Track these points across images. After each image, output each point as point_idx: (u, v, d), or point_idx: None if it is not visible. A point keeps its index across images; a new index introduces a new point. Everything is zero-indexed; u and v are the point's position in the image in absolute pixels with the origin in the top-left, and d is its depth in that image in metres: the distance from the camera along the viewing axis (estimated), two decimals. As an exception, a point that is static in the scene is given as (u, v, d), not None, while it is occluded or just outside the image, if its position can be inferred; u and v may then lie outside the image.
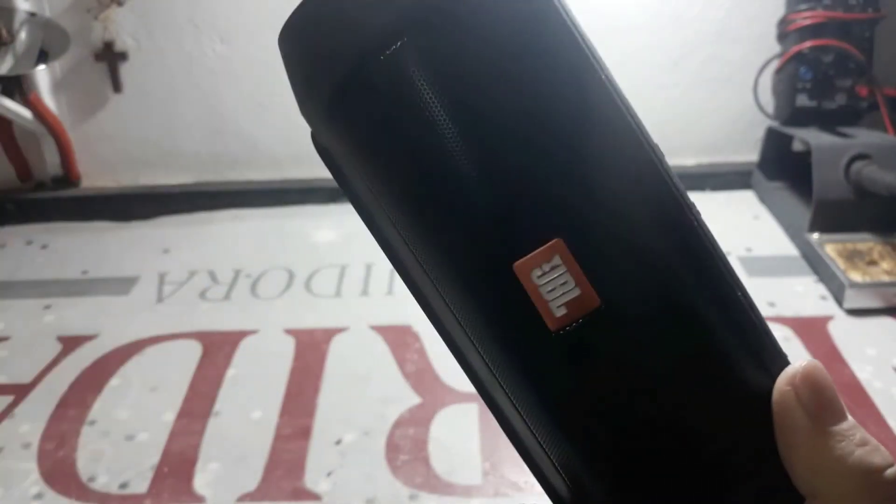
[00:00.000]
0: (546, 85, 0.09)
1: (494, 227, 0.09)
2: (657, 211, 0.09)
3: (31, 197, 0.54)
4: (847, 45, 0.47)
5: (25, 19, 0.50)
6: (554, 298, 0.09)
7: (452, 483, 0.29)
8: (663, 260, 0.09)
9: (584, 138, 0.09)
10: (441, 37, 0.09)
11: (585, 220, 0.09)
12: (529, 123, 0.09)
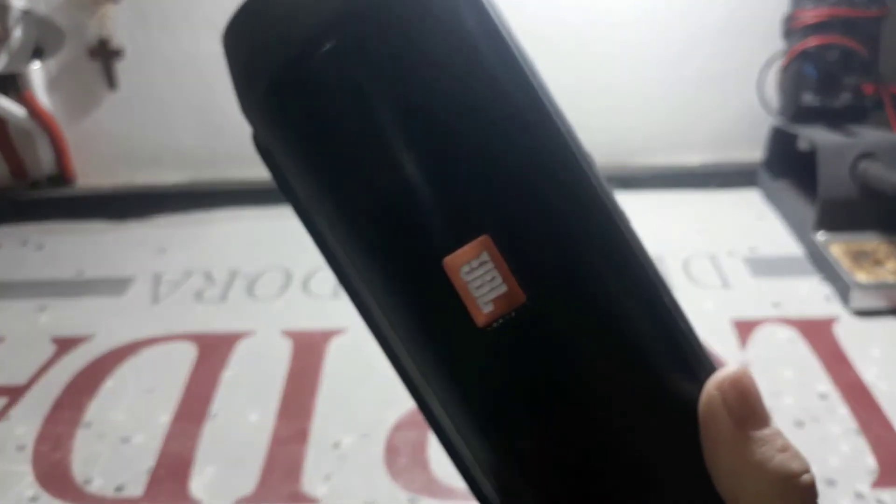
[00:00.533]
0: (474, 85, 0.09)
1: (425, 222, 0.09)
2: (582, 213, 0.09)
3: (25, 196, 0.53)
4: (853, 43, 0.46)
5: (20, 16, 0.49)
6: (482, 294, 0.09)
7: (452, 487, 0.28)
8: (588, 261, 0.09)
9: (511, 138, 0.09)
10: (374, 36, 0.09)
11: (512, 217, 0.09)
12: (457, 123, 0.09)
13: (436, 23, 0.09)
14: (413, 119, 0.09)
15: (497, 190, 0.09)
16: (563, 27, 0.52)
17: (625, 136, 0.55)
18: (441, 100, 0.09)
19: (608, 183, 0.10)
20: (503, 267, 0.09)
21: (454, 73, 0.09)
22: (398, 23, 0.09)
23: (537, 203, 0.09)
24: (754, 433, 0.10)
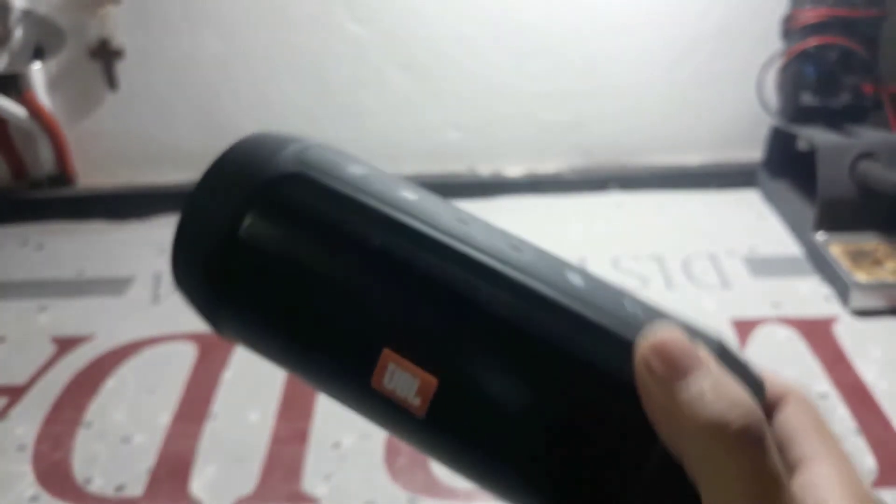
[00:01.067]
0: (334, 239, 0.12)
1: (345, 360, 0.12)
2: (444, 283, 0.11)
3: (26, 196, 0.53)
4: (852, 43, 0.46)
5: (21, 17, 0.49)
6: (406, 394, 0.11)
7: (451, 487, 0.28)
8: (468, 320, 0.11)
9: (369, 264, 0.12)
10: (272, 216, 0.12)
11: (396, 325, 0.11)
12: (341, 280, 0.12)
13: (311, 202, 0.12)
14: (314, 276, 0.12)
15: (380, 314, 0.11)
16: (564, 30, 0.52)
17: (625, 136, 0.55)
18: (326, 264, 0.12)
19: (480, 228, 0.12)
20: (409, 365, 0.11)
21: (336, 245, 0.12)
22: (286, 206, 0.12)
23: (408, 305, 0.11)
24: (681, 392, 0.10)
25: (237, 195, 0.12)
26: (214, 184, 0.13)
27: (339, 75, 0.53)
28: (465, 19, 0.52)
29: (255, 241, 0.12)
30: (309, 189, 0.12)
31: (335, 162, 0.13)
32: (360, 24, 0.52)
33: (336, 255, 0.12)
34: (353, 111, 0.54)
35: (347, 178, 0.12)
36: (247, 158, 0.13)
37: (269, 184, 0.12)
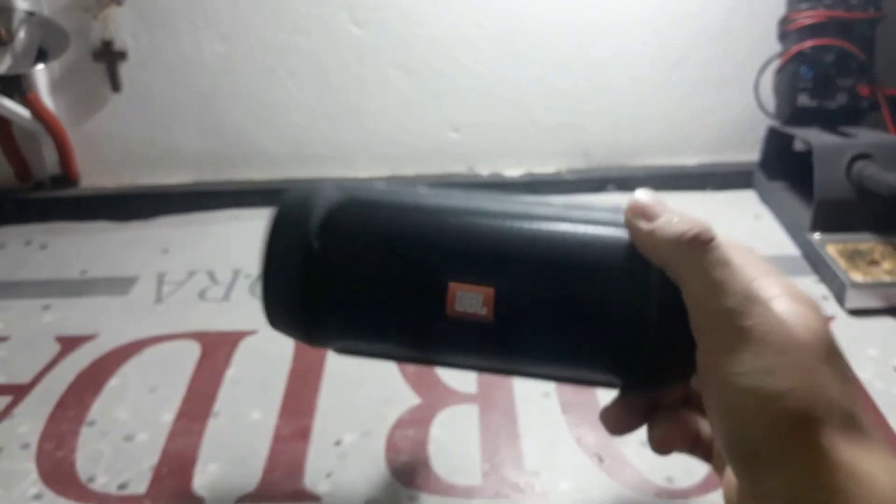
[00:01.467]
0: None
1: (425, 303, 0.17)
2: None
3: (29, 197, 0.54)
4: (848, 45, 0.47)
5: (24, 18, 0.50)
6: (475, 308, 0.16)
7: (453, 484, 0.28)
8: (497, 238, 0.17)
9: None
10: (336, 229, 0.17)
11: (452, 264, 0.17)
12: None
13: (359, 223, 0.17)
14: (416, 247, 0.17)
15: (436, 260, 0.17)
16: (563, 33, 0.52)
17: (623, 137, 0.56)
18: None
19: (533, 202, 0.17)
20: (470, 286, 0.16)
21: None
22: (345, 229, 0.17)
23: (455, 247, 0.17)
24: (652, 226, 0.17)
25: (303, 227, 0.16)
26: (282, 229, 0.17)
27: (340, 77, 0.54)
28: (464, 22, 0.52)
29: (331, 247, 0.16)
30: (357, 199, 0.17)
31: (364, 185, 0.17)
32: (361, 26, 0.52)
33: (391, 231, 0.16)
34: (354, 112, 0.55)
35: (380, 188, 0.17)
36: (298, 203, 0.17)
37: (329, 206, 0.16)
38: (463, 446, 0.30)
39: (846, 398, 0.15)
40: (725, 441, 0.15)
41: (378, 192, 0.17)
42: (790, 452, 0.14)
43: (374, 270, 0.16)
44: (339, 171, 0.56)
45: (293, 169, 0.56)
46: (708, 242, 0.16)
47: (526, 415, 0.32)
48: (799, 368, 0.14)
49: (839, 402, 0.14)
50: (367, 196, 0.17)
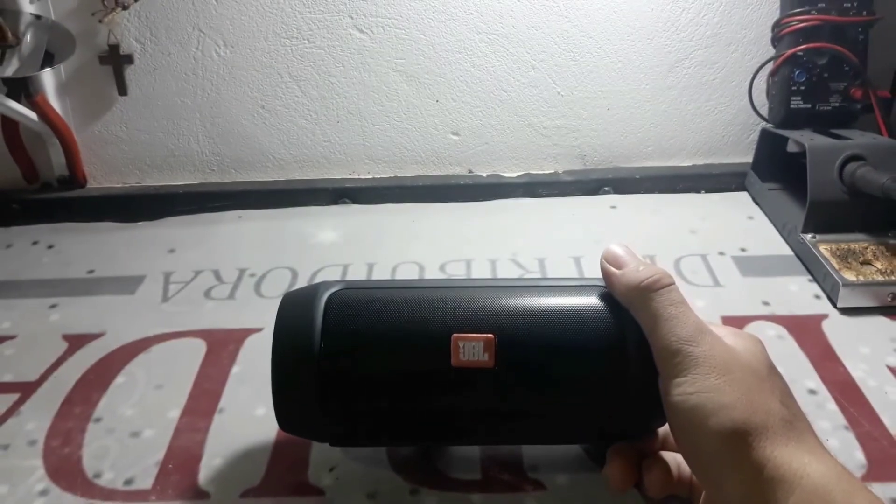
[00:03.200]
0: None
1: (432, 358, 0.19)
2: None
3: (36, 197, 0.55)
4: (841, 48, 0.47)
5: (31, 22, 0.50)
6: (477, 356, 0.19)
7: (453, 479, 0.29)
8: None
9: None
10: (335, 334, 0.20)
11: (451, 321, 0.19)
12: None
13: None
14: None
15: (436, 322, 0.20)
16: (560, 39, 0.53)
17: (619, 140, 0.56)
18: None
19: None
20: (471, 336, 0.19)
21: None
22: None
23: (450, 312, 0.20)
24: (623, 269, 0.21)
25: (306, 338, 0.19)
26: (287, 342, 0.19)
27: (343, 81, 0.54)
28: (464, 29, 0.53)
29: (335, 352, 0.18)
30: (353, 286, 0.20)
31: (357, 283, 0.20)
32: (364, 31, 0.53)
33: (394, 301, 0.18)
34: (357, 116, 0.55)
35: (369, 283, 0.20)
36: (296, 314, 0.19)
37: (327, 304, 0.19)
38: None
39: (784, 406, 0.17)
40: (686, 455, 0.18)
41: (370, 283, 0.20)
42: (738, 457, 0.16)
43: (387, 349, 0.18)
44: (342, 172, 0.57)
45: (296, 171, 0.57)
46: (665, 286, 0.19)
47: (524, 411, 0.32)
48: (741, 385, 0.17)
49: (777, 411, 0.17)
50: (364, 285, 0.20)
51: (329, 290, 0.19)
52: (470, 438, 0.20)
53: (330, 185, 0.55)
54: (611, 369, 0.19)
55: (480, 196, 0.55)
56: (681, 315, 0.19)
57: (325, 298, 0.18)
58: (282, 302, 0.20)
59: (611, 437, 0.21)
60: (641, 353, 0.19)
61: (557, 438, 0.20)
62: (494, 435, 0.20)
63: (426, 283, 0.19)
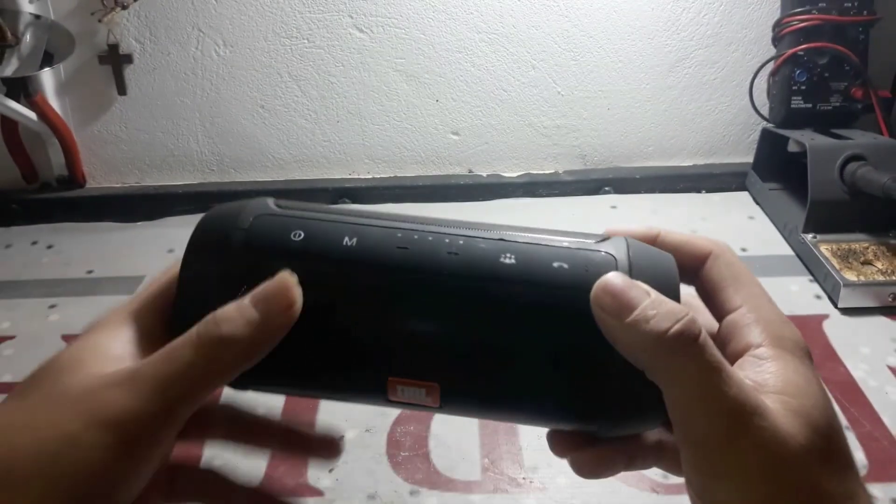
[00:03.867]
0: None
1: (362, 392, 0.16)
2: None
3: (36, 197, 0.54)
4: (842, 48, 0.47)
5: (30, 21, 0.50)
6: (419, 398, 0.15)
7: (452, 479, 0.29)
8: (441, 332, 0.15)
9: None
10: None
11: (392, 362, 0.15)
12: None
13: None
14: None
15: (375, 356, 0.15)
16: (560, 39, 0.53)
17: (619, 140, 0.56)
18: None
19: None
20: (412, 382, 0.14)
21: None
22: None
23: (396, 345, 0.15)
24: (629, 319, 0.13)
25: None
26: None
27: (342, 81, 0.54)
28: (464, 28, 0.53)
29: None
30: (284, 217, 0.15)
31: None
32: (364, 31, 0.53)
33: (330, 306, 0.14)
34: (356, 116, 0.55)
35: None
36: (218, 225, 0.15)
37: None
38: (462, 442, 0.31)
39: (845, 495, 0.13)
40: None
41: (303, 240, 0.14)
42: None
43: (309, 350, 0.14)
44: (342, 172, 0.57)
45: (296, 171, 0.57)
46: (695, 340, 0.13)
47: (524, 411, 0.32)
48: (793, 491, 0.13)
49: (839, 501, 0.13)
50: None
51: (254, 214, 0.15)
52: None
53: (330, 185, 0.55)
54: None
55: (480, 196, 0.54)
56: (719, 387, 0.13)
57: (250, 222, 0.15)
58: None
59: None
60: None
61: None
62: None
63: (367, 251, 0.14)
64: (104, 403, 0.13)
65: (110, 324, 0.15)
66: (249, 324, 0.14)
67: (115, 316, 0.16)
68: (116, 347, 0.15)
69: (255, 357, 0.14)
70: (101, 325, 0.15)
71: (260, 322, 0.14)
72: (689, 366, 0.13)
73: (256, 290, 0.14)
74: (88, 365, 0.14)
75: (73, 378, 0.14)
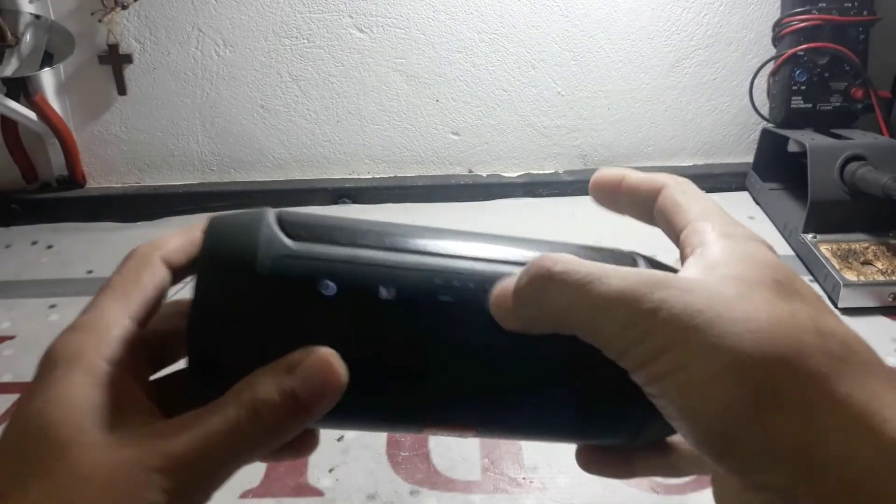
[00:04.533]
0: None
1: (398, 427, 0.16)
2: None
3: (36, 197, 0.54)
4: (842, 48, 0.47)
5: (30, 21, 0.50)
6: (453, 435, 0.15)
7: (452, 479, 0.29)
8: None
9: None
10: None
11: (427, 416, 0.15)
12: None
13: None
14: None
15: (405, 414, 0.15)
16: (560, 39, 0.53)
17: (619, 140, 0.56)
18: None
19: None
20: (448, 429, 0.15)
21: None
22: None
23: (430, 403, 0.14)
24: (512, 305, 0.13)
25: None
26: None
27: (342, 81, 0.54)
28: (464, 28, 0.53)
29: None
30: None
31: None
32: (364, 31, 0.53)
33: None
34: (357, 116, 0.55)
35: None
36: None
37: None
38: (462, 442, 0.31)
39: (830, 325, 0.11)
40: (700, 437, 0.11)
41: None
42: (785, 408, 0.10)
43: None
44: (342, 172, 0.57)
45: (296, 171, 0.57)
46: (549, 271, 0.12)
47: (524, 411, 0.32)
48: (758, 311, 0.11)
49: (831, 330, 0.11)
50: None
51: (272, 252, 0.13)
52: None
53: (330, 185, 0.55)
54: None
55: (480, 196, 0.54)
56: (587, 288, 0.12)
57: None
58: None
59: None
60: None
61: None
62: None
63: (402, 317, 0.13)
64: (136, 490, 0.11)
65: (85, 363, 0.13)
66: (292, 414, 0.12)
67: (89, 351, 0.13)
68: (101, 396, 0.12)
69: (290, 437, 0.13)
70: (73, 361, 0.13)
71: (303, 410, 0.12)
72: (563, 297, 0.12)
73: (301, 375, 0.12)
74: (85, 430, 0.11)
75: (78, 454, 0.11)
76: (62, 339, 0.13)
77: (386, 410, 0.14)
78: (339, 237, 0.14)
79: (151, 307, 0.14)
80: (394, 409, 0.14)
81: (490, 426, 0.15)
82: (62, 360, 0.13)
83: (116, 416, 0.12)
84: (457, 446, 0.31)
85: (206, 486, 0.12)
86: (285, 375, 0.12)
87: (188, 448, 0.12)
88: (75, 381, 0.12)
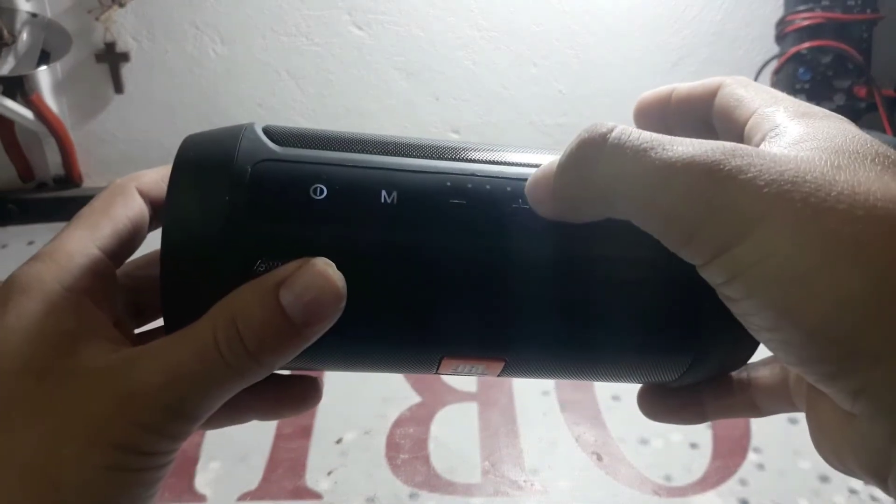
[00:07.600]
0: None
1: (408, 366, 0.13)
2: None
3: (32, 197, 0.54)
4: (845, 46, 0.47)
5: (27, 20, 0.50)
6: (475, 372, 0.13)
7: (452, 482, 0.29)
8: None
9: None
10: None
11: (448, 341, 0.12)
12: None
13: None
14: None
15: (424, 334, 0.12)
16: (561, 36, 0.53)
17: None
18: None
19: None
20: (470, 360, 0.13)
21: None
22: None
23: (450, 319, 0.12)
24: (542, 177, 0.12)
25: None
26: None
27: (341, 78, 0.54)
28: (464, 25, 0.52)
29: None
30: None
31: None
32: (363, 28, 0.53)
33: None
34: (355, 113, 0.55)
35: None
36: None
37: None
38: (463, 444, 0.30)
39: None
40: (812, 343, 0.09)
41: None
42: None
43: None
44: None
45: (294, 170, 0.57)
46: (604, 136, 0.10)
47: (525, 413, 0.32)
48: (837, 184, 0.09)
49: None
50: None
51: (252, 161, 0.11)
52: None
53: (329, 184, 0.55)
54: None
55: (480, 195, 0.54)
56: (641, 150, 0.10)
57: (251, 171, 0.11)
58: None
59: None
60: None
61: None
62: None
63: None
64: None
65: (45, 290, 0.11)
66: (279, 335, 0.10)
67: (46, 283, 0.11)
68: (57, 323, 0.11)
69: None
70: (27, 290, 0.11)
71: (293, 331, 0.10)
72: (617, 165, 0.10)
73: (292, 289, 0.10)
74: (36, 359, 0.10)
75: (30, 388, 0.10)
76: (21, 269, 0.12)
77: (394, 340, 0.11)
78: (334, 144, 0.12)
79: (124, 238, 0.13)
80: (403, 338, 0.11)
81: (523, 354, 0.12)
82: (17, 289, 0.11)
83: (76, 344, 0.11)
84: (457, 449, 0.30)
85: (177, 420, 0.10)
86: (272, 290, 0.10)
87: (151, 377, 0.10)
88: (29, 308, 0.11)
